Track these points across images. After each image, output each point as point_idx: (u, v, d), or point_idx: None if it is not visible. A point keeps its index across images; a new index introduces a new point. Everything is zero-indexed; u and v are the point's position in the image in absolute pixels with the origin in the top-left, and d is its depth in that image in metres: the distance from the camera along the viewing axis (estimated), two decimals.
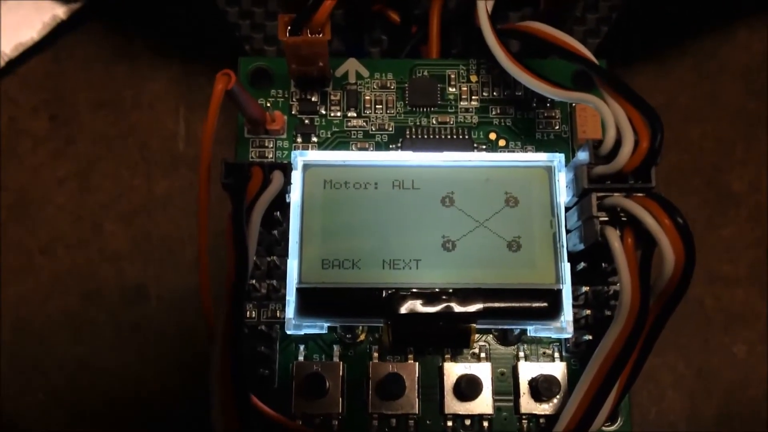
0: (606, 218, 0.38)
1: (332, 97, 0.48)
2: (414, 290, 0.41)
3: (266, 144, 0.47)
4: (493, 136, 0.47)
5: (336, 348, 0.44)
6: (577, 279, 0.43)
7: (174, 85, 0.60)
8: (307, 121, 0.47)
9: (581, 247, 0.41)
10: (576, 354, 0.44)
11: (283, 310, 0.44)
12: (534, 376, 0.43)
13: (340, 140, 0.47)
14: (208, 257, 0.40)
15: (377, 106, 0.48)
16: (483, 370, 0.43)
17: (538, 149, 0.47)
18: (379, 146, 0.47)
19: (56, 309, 0.56)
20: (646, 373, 0.54)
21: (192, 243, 0.57)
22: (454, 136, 0.47)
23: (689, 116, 0.60)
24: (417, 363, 0.43)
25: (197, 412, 0.53)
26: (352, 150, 0.47)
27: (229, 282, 0.36)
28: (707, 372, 0.55)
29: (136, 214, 0.58)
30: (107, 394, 0.54)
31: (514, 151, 0.47)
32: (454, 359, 0.44)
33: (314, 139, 0.47)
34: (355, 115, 0.48)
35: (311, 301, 0.41)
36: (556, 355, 0.44)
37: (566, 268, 0.41)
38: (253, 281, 0.44)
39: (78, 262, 0.57)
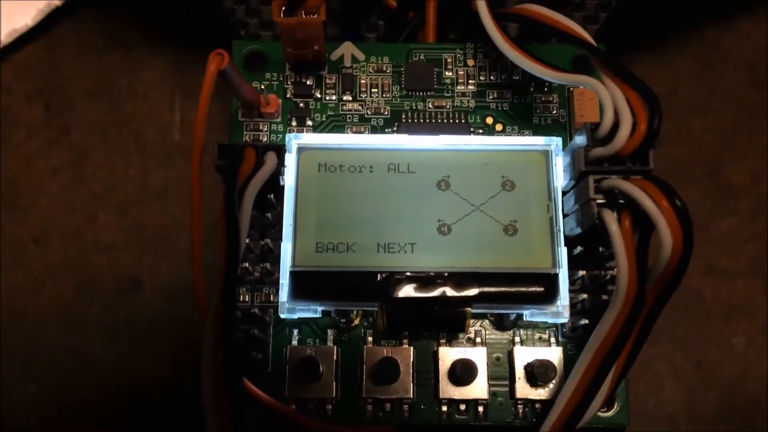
0: (603, 201, 0.38)
1: (327, 81, 0.48)
2: (409, 274, 0.40)
3: (260, 127, 0.47)
4: (489, 120, 0.47)
5: (330, 332, 0.44)
6: (573, 263, 0.43)
7: (169, 74, 0.60)
8: (302, 105, 0.47)
9: (578, 230, 0.41)
10: (572, 339, 0.44)
11: (276, 293, 0.43)
12: (530, 361, 0.43)
13: (336, 124, 0.47)
14: (202, 248, 0.40)
15: (373, 90, 0.47)
16: (478, 355, 0.43)
17: (535, 134, 0.47)
18: (375, 130, 0.47)
19: (49, 300, 0.56)
20: (645, 364, 0.54)
21: (187, 234, 0.57)
22: (451, 121, 0.47)
23: (690, 108, 0.59)
24: (412, 347, 0.43)
25: (190, 402, 0.52)
26: (347, 134, 0.47)
27: (222, 264, 0.36)
28: (706, 364, 0.54)
29: (131, 204, 0.57)
30: (100, 385, 0.54)
31: (511, 136, 0.47)
32: (449, 344, 0.44)
33: (309, 122, 0.47)
34: (350, 98, 0.47)
35: (305, 285, 0.41)
36: (552, 340, 0.44)
37: (563, 252, 0.41)
38: (247, 264, 0.43)
39: (71, 253, 0.56)
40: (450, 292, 0.40)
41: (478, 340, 0.44)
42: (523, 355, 0.43)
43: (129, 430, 0.54)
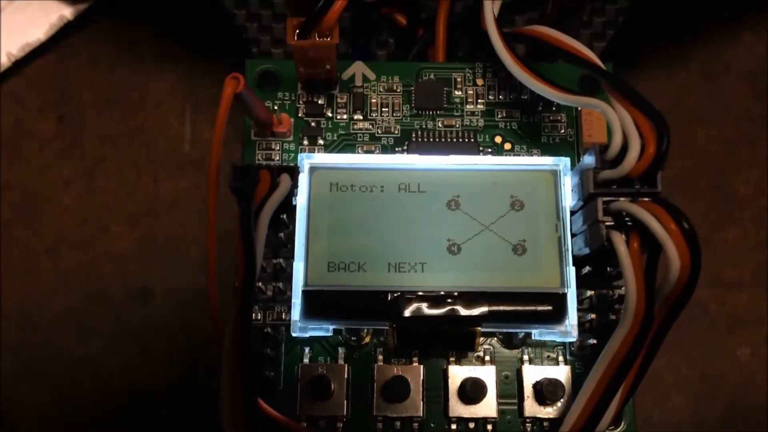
0: (612, 223, 0.38)
1: (339, 100, 0.48)
2: (419, 293, 0.41)
3: (273, 146, 0.47)
4: (498, 139, 0.47)
5: (341, 350, 0.44)
6: (582, 283, 0.43)
7: (180, 86, 0.60)
8: (313, 124, 0.47)
9: (586, 251, 0.41)
10: (580, 358, 0.44)
11: (288, 312, 0.44)
12: (538, 379, 0.43)
13: (347, 143, 0.47)
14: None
15: (383, 109, 0.48)
16: (487, 374, 0.43)
17: (543, 153, 0.47)
18: (385, 149, 0.47)
19: (61, 309, 0.56)
20: (650, 375, 0.53)
21: (197, 244, 0.57)
22: (460, 140, 0.47)
23: (694, 119, 0.60)
24: (422, 366, 0.43)
25: (201, 412, 0.53)
26: (358, 153, 0.47)
27: (239, 287, 0.37)
28: (711, 375, 0.55)
29: (142, 215, 0.58)
30: (111, 392, 0.55)
31: (519, 155, 0.47)
32: (458, 362, 0.44)
33: (320, 141, 0.47)
34: (361, 117, 0.48)
35: (317, 304, 0.41)
36: (561, 358, 0.44)
37: (571, 272, 0.41)
38: (260, 283, 0.44)
39: (83, 263, 0.57)
40: (460, 310, 0.40)
41: (487, 358, 0.44)
42: (532, 374, 0.43)
43: None
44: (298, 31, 0.42)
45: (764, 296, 0.56)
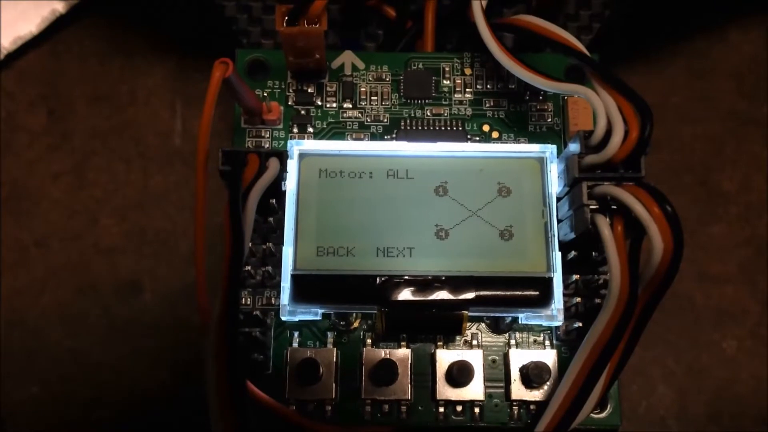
0: (596, 206, 0.39)
1: (328, 89, 0.48)
2: (407, 278, 0.41)
3: (263, 134, 0.47)
4: (486, 128, 0.48)
5: (330, 335, 0.44)
6: (567, 268, 0.44)
7: (170, 80, 0.60)
8: (303, 112, 0.48)
9: (572, 236, 0.41)
10: (566, 342, 0.45)
11: (277, 296, 0.44)
12: (525, 363, 0.43)
13: (336, 131, 0.48)
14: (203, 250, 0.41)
15: (372, 98, 0.48)
16: (475, 357, 0.43)
17: (530, 141, 0.47)
18: (374, 137, 0.48)
19: (50, 303, 0.56)
20: (637, 367, 0.55)
21: (187, 238, 0.57)
22: (448, 128, 0.48)
23: (681, 116, 0.60)
24: (410, 350, 0.44)
25: (190, 405, 0.53)
26: (347, 140, 0.47)
27: (226, 267, 0.37)
28: (697, 368, 0.55)
29: (131, 208, 0.58)
30: (101, 387, 0.55)
31: (507, 143, 0.48)
32: (446, 346, 0.44)
33: (310, 129, 0.47)
34: (350, 106, 0.48)
35: (306, 288, 0.41)
36: (547, 342, 0.45)
37: (557, 256, 0.42)
38: (249, 268, 0.44)
39: (72, 256, 0.57)
40: (447, 295, 0.41)
41: (475, 342, 0.44)
42: (519, 358, 0.44)
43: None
44: (286, 18, 0.43)
45: (749, 291, 0.57)
